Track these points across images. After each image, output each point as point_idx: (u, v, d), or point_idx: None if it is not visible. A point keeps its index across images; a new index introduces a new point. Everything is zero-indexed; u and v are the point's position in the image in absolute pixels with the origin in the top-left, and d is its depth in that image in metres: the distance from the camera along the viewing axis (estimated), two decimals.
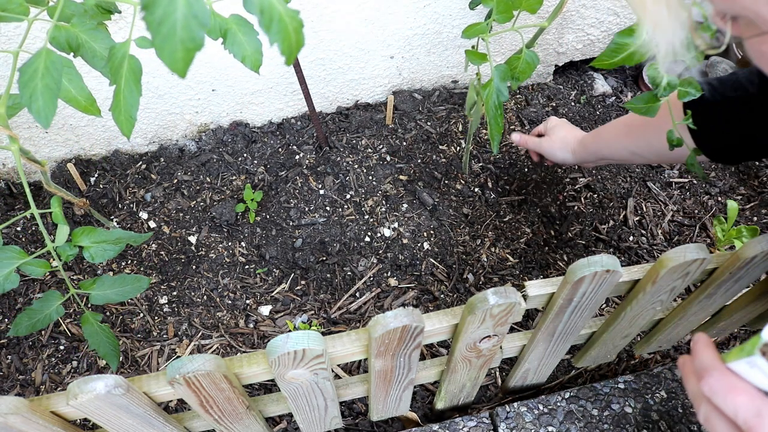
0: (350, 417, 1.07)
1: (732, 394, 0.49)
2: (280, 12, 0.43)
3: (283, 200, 1.33)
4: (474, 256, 1.26)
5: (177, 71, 0.36)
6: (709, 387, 0.51)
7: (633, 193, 1.37)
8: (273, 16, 0.43)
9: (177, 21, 0.34)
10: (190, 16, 0.34)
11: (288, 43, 0.44)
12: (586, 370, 1.14)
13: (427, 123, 1.46)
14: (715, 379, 0.51)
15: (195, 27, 0.35)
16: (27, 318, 0.86)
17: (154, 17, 0.34)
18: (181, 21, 0.34)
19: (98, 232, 0.85)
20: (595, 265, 0.68)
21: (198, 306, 1.19)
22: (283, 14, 0.43)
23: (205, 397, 0.68)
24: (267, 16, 0.42)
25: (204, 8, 0.35)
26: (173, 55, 0.35)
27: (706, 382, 0.51)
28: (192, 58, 0.36)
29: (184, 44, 0.35)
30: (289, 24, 0.44)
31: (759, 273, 0.80)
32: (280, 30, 0.43)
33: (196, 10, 0.34)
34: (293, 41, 0.45)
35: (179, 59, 0.35)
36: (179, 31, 0.34)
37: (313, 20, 1.23)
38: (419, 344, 0.71)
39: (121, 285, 0.87)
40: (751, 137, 0.80)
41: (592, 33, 1.50)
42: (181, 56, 0.35)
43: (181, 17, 0.34)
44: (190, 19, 0.34)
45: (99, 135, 1.35)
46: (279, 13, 0.43)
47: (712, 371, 0.52)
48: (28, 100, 0.62)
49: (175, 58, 0.35)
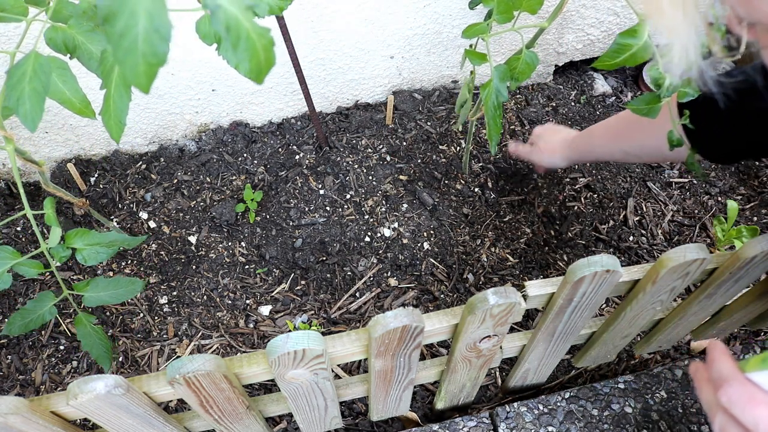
0: (350, 417, 1.07)
1: (751, 405, 0.48)
2: (248, 29, 0.41)
3: (283, 200, 1.33)
4: (474, 256, 1.26)
5: (140, 86, 0.35)
6: (727, 397, 0.50)
7: (633, 193, 1.37)
8: (240, 34, 0.41)
9: (138, 35, 0.33)
10: (152, 30, 0.33)
11: (256, 61, 0.43)
12: (586, 370, 1.14)
13: (427, 123, 1.46)
14: (734, 389, 0.50)
15: (157, 41, 0.34)
16: (20, 318, 0.86)
17: (114, 30, 0.33)
18: (142, 35, 0.33)
19: (92, 234, 0.85)
20: (595, 265, 0.68)
21: (198, 306, 1.19)
22: (251, 31, 0.41)
23: (205, 397, 0.68)
24: (234, 34, 0.41)
25: (166, 22, 0.34)
26: (135, 69, 0.34)
27: (724, 392, 0.50)
28: (155, 73, 0.35)
29: (146, 58, 0.34)
30: (258, 42, 0.42)
31: (759, 273, 0.80)
32: (248, 48, 0.42)
33: (158, 24, 0.33)
34: (262, 60, 0.43)
35: (141, 74, 0.34)
36: (141, 45, 0.33)
37: (313, 20, 1.23)
38: (419, 344, 0.71)
39: (114, 287, 0.87)
40: (757, 143, 0.79)
41: (592, 33, 1.50)
42: (143, 70, 0.34)
43: (142, 31, 0.33)
44: (152, 33, 0.33)
45: (99, 135, 1.35)
46: (246, 31, 0.41)
47: (732, 381, 0.50)
48: (16, 104, 0.62)
49: (137, 72, 0.34)
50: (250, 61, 0.43)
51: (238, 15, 0.40)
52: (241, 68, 0.57)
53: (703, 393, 0.55)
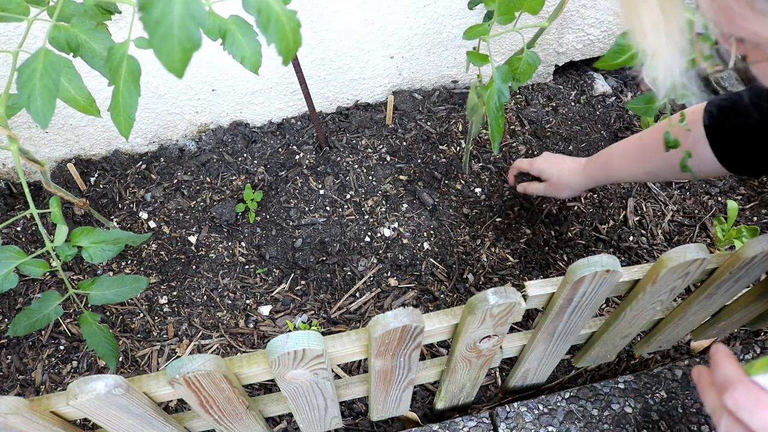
0: (350, 417, 1.07)
1: (759, 409, 0.48)
2: (278, 12, 0.43)
3: (283, 200, 1.33)
4: (474, 256, 1.26)
5: (174, 71, 0.36)
6: (733, 401, 0.49)
7: (633, 193, 1.37)
8: (270, 16, 0.42)
9: (174, 21, 0.34)
10: (188, 16, 0.34)
11: (285, 42, 0.44)
12: (586, 370, 1.14)
13: (427, 123, 1.46)
14: (740, 392, 0.49)
15: (192, 27, 0.35)
16: (26, 318, 0.86)
17: (151, 17, 0.33)
18: (178, 21, 0.34)
19: (97, 232, 0.85)
20: (595, 265, 0.68)
21: (198, 306, 1.19)
22: (281, 14, 0.43)
23: (205, 397, 0.68)
24: (264, 16, 0.42)
25: (201, 8, 0.35)
26: (170, 55, 0.35)
27: (730, 396, 0.50)
28: (189, 59, 0.36)
29: (181, 44, 0.35)
30: (287, 24, 0.43)
31: (759, 273, 0.80)
32: (278, 30, 0.43)
33: (194, 10, 0.34)
34: (291, 41, 0.45)
35: (176, 59, 0.35)
36: (176, 31, 0.34)
37: (313, 20, 1.23)
38: (419, 344, 0.71)
39: (119, 285, 0.87)
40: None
41: (592, 33, 1.50)
42: (179, 56, 0.35)
43: (178, 17, 0.34)
44: (188, 19, 0.34)
45: (99, 135, 1.35)
46: (276, 13, 0.43)
47: (737, 384, 0.50)
48: (27, 100, 0.62)
49: (172, 58, 0.35)
50: (280, 42, 0.44)
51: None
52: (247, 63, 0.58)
53: (707, 397, 0.55)
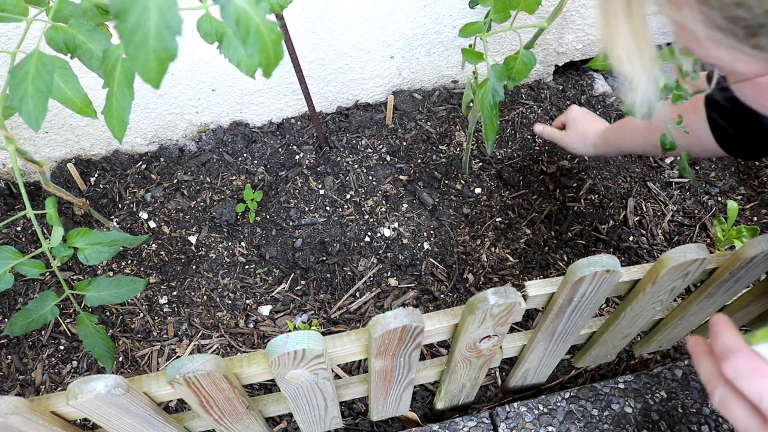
0: (350, 417, 1.07)
1: (757, 377, 0.47)
2: (258, 23, 0.42)
3: (283, 200, 1.33)
4: (474, 256, 1.26)
5: (151, 82, 0.35)
6: (733, 368, 0.48)
7: (633, 193, 1.37)
8: (250, 28, 0.41)
9: (150, 30, 0.33)
10: (163, 26, 0.33)
11: (266, 54, 0.43)
12: (586, 370, 1.14)
13: (427, 123, 1.46)
14: (741, 361, 0.48)
15: (168, 37, 0.34)
16: (22, 318, 0.86)
17: (125, 26, 0.33)
18: (153, 31, 0.33)
19: (93, 233, 0.85)
20: (595, 265, 0.68)
21: (198, 306, 1.19)
22: (261, 25, 0.42)
23: (205, 397, 0.68)
24: (243, 27, 0.41)
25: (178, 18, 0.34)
26: (146, 65, 0.34)
27: (730, 363, 0.49)
28: (165, 69, 0.35)
29: (157, 54, 0.34)
30: (267, 36, 0.42)
31: (759, 273, 0.80)
32: (257, 41, 0.42)
33: (170, 20, 0.34)
34: (271, 53, 0.44)
35: (153, 69, 0.35)
36: (152, 41, 0.34)
37: (313, 20, 1.23)
38: (419, 344, 0.71)
39: (117, 287, 0.87)
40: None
41: (592, 33, 1.50)
42: (155, 66, 0.35)
43: (153, 27, 0.33)
44: (163, 29, 0.34)
45: (99, 135, 1.35)
46: (256, 24, 0.41)
47: (738, 353, 0.49)
48: (19, 103, 0.62)
49: (148, 68, 0.35)
50: (259, 54, 0.43)
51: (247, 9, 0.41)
52: (243, 66, 0.57)
53: (702, 366, 0.54)
